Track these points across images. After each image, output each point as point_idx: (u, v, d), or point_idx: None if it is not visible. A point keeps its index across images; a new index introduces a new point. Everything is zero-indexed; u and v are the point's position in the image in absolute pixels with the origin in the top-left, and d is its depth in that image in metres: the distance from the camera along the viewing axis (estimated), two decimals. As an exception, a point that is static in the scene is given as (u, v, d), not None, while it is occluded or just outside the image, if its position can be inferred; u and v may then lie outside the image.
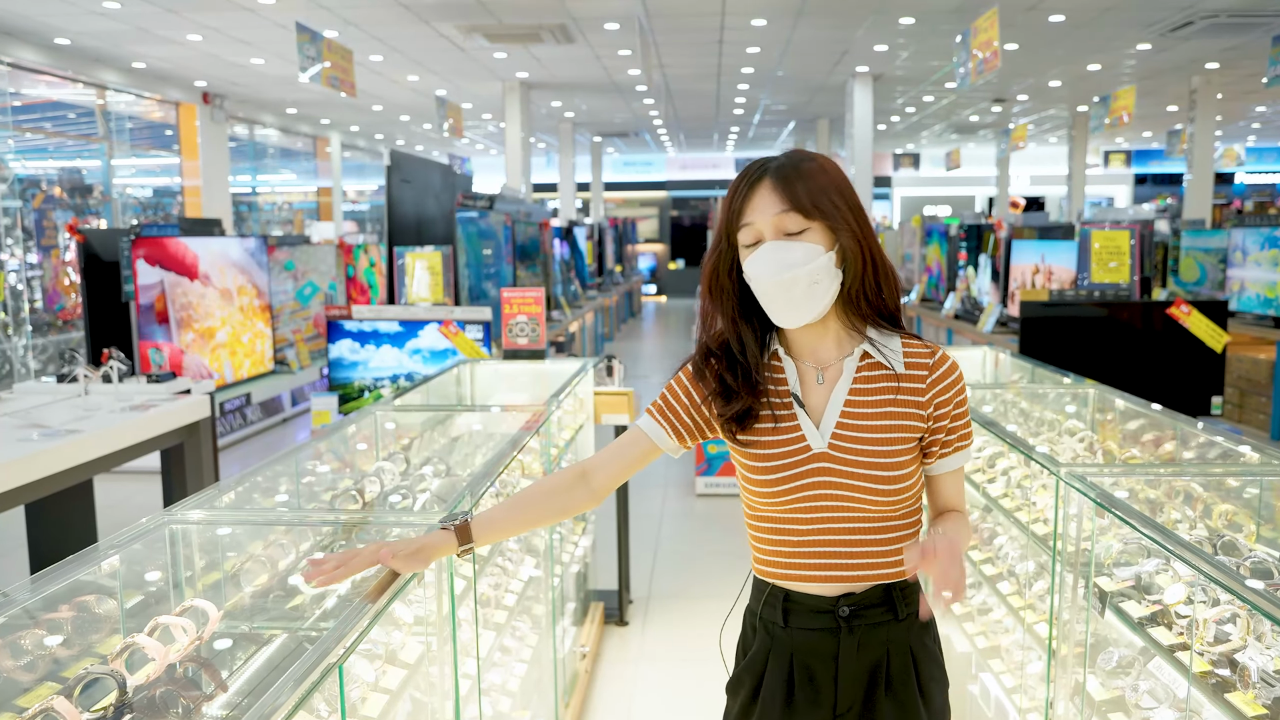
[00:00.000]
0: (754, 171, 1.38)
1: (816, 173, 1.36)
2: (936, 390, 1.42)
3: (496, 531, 1.53)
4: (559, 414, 3.07)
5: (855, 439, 1.39)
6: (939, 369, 1.43)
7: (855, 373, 1.42)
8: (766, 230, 1.35)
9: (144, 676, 1.38)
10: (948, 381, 1.43)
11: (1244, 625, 1.50)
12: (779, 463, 1.41)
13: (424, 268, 6.29)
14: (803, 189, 1.34)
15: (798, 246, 1.34)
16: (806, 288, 1.34)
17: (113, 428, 3.48)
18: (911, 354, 1.43)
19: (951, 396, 1.43)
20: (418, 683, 1.69)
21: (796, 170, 1.36)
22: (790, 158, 1.38)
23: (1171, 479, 2.17)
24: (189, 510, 1.72)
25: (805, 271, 1.33)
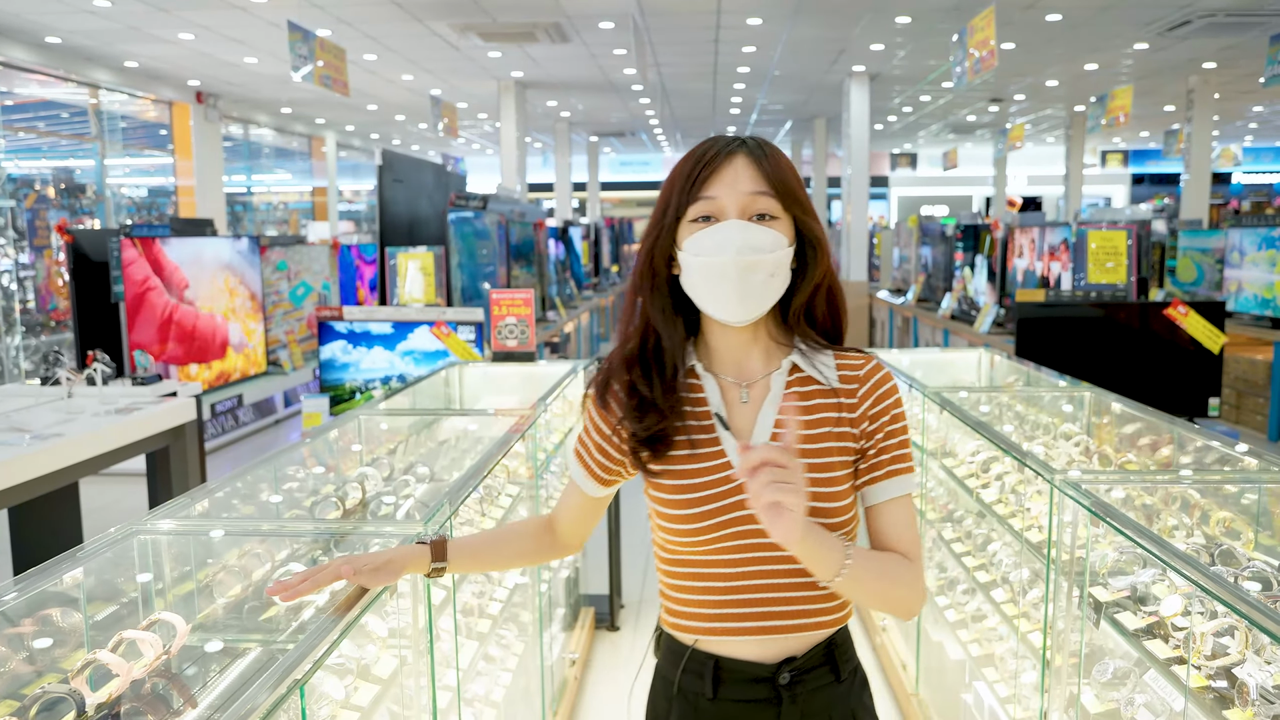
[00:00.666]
0: (724, 144, 1.23)
1: (788, 164, 1.24)
2: (869, 403, 1.25)
3: (471, 560, 1.42)
4: (547, 417, 3.02)
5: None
6: (871, 379, 1.26)
7: (785, 389, 1.25)
8: (731, 208, 1.19)
9: (107, 694, 1.33)
10: (881, 391, 1.25)
11: (1242, 638, 1.46)
12: (699, 494, 1.21)
13: (416, 268, 6.24)
14: (780, 174, 1.21)
15: (767, 231, 1.19)
16: (765, 279, 1.19)
17: (96, 431, 3.43)
18: (844, 365, 1.27)
19: (886, 409, 1.25)
20: (394, 696, 1.64)
21: (774, 154, 1.23)
22: (760, 141, 1.25)
23: (1168, 485, 2.12)
24: (159, 520, 1.67)
25: (770, 259, 1.19)
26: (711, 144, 1.23)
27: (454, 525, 1.97)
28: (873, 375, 1.26)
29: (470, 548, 1.42)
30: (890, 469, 1.23)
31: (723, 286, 1.19)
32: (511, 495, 2.58)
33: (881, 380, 1.26)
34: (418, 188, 7.60)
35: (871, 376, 1.26)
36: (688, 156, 1.24)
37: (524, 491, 2.68)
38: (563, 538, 1.43)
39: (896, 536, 1.22)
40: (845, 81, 11.97)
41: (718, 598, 1.22)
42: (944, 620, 2.89)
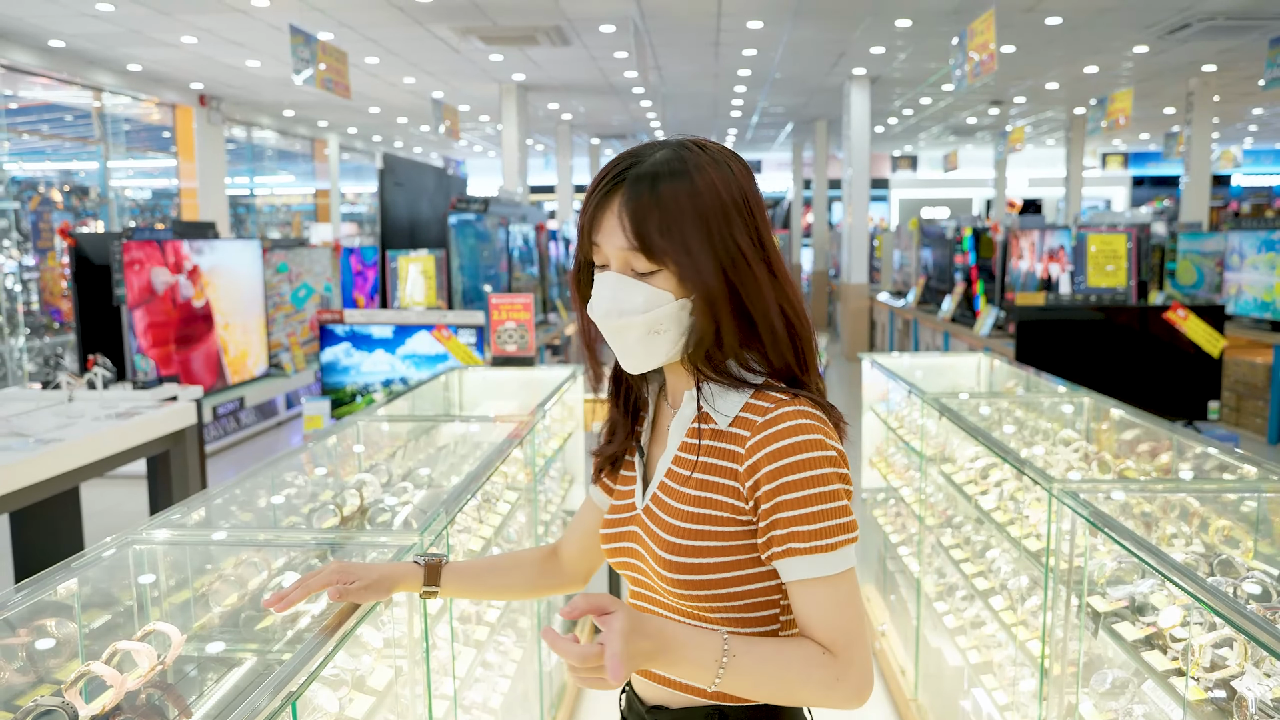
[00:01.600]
0: (609, 180, 1.07)
1: (678, 195, 1.03)
2: (758, 458, 1.03)
3: (468, 585, 1.36)
4: (546, 423, 3.02)
5: (663, 505, 1.10)
6: (767, 430, 1.03)
7: (690, 421, 1.11)
8: (613, 259, 1.07)
9: (101, 706, 1.33)
10: (776, 448, 1.02)
11: (1241, 651, 1.46)
12: (611, 517, 1.19)
13: (417, 271, 6.25)
14: (655, 221, 1.03)
15: (640, 290, 1.05)
16: (643, 337, 1.07)
17: (96, 435, 3.44)
18: (751, 407, 1.07)
19: (779, 471, 1.01)
20: (390, 706, 1.64)
21: (653, 191, 1.03)
22: (653, 166, 1.05)
23: (1167, 494, 2.12)
24: (155, 530, 1.67)
25: (642, 320, 1.06)
26: (601, 176, 1.08)
27: (451, 533, 1.97)
28: (771, 426, 1.03)
29: (466, 574, 1.36)
30: (788, 546, 1.01)
31: (610, 342, 1.12)
32: (510, 501, 2.58)
33: (782, 434, 1.02)
34: (419, 191, 7.61)
35: (769, 428, 1.03)
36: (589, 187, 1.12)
37: (522, 498, 2.67)
38: (568, 565, 1.36)
39: (808, 624, 1.02)
40: (846, 84, 11.97)
41: None
42: (943, 626, 2.88)
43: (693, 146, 1.08)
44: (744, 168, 1.10)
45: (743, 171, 1.09)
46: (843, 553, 1.01)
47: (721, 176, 1.06)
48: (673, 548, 1.07)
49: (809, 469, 1.01)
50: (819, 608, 1.01)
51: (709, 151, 1.08)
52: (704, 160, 1.07)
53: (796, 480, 1.01)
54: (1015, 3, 8.02)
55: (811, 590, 1.01)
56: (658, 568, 1.09)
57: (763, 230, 1.08)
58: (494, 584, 1.40)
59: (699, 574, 1.05)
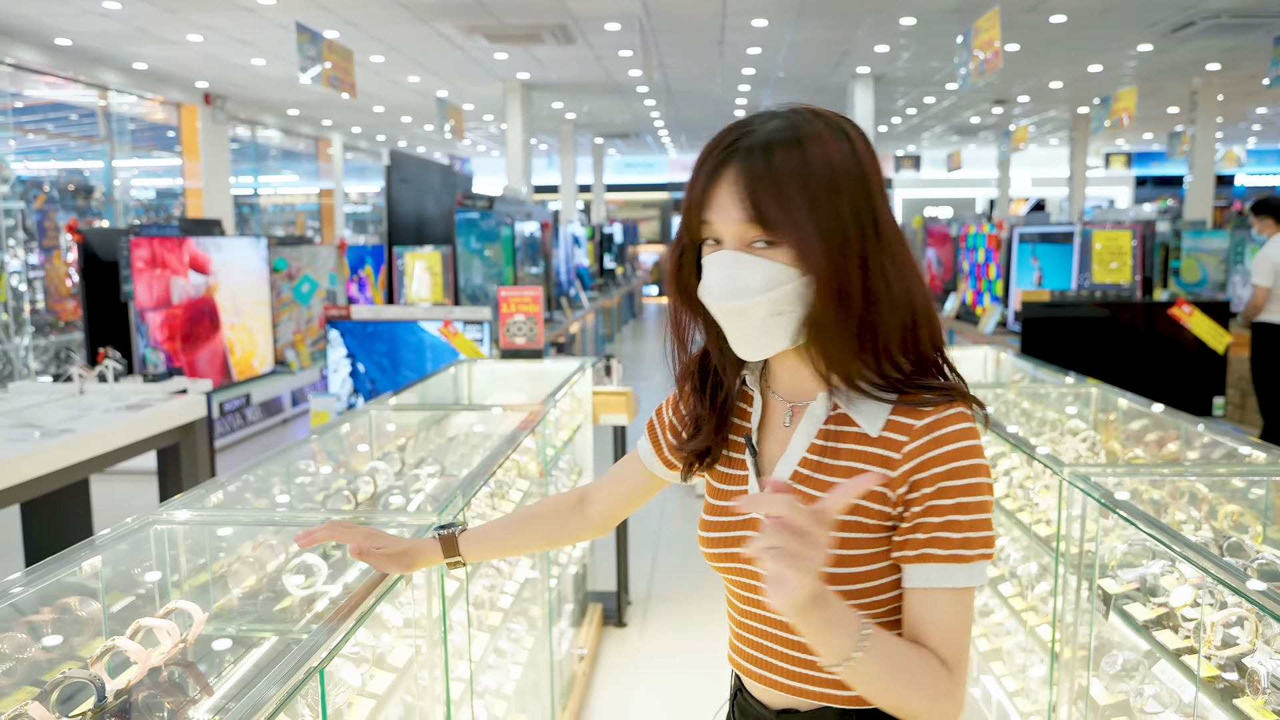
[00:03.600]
0: (719, 152, 1.01)
1: (796, 164, 0.97)
2: (916, 464, 0.99)
3: (488, 548, 1.38)
4: (556, 414, 3.04)
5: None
6: (927, 435, 0.99)
7: (823, 422, 1.05)
8: (727, 236, 1.00)
9: (125, 680, 1.35)
10: (935, 454, 0.98)
11: (1252, 628, 1.47)
12: (715, 518, 1.11)
13: (423, 268, 6.27)
14: (772, 193, 0.97)
15: (760, 267, 0.98)
16: (765, 319, 1.00)
17: (107, 428, 3.46)
18: (902, 412, 1.01)
19: (936, 476, 0.98)
20: (408, 686, 1.66)
21: (768, 162, 0.98)
22: (766, 135, 0.99)
23: (1176, 479, 2.13)
24: (175, 510, 1.68)
25: (763, 300, 0.98)
26: (711, 148, 1.03)
27: (467, 518, 1.98)
28: (931, 431, 0.99)
29: (487, 537, 1.37)
30: (924, 551, 0.97)
31: (726, 329, 1.04)
32: (521, 490, 2.60)
33: (942, 440, 0.98)
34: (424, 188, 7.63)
35: (930, 433, 0.99)
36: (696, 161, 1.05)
37: (533, 487, 2.69)
38: (593, 514, 1.33)
39: (925, 634, 0.97)
40: (850, 83, 11.99)
41: (736, 628, 1.13)
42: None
43: (809, 115, 1.02)
44: (863, 139, 1.03)
45: (861, 142, 1.03)
46: (977, 567, 0.98)
47: (838, 148, 1.00)
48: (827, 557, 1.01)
49: (967, 477, 0.97)
50: (940, 618, 0.97)
51: (825, 120, 1.02)
52: (820, 129, 1.01)
53: (953, 488, 0.97)
54: (1019, 1, 8.04)
55: (936, 600, 0.97)
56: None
57: (879, 207, 1.01)
58: (514, 542, 1.42)
59: (847, 582, 1.00)
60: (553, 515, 1.37)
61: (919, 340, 1.03)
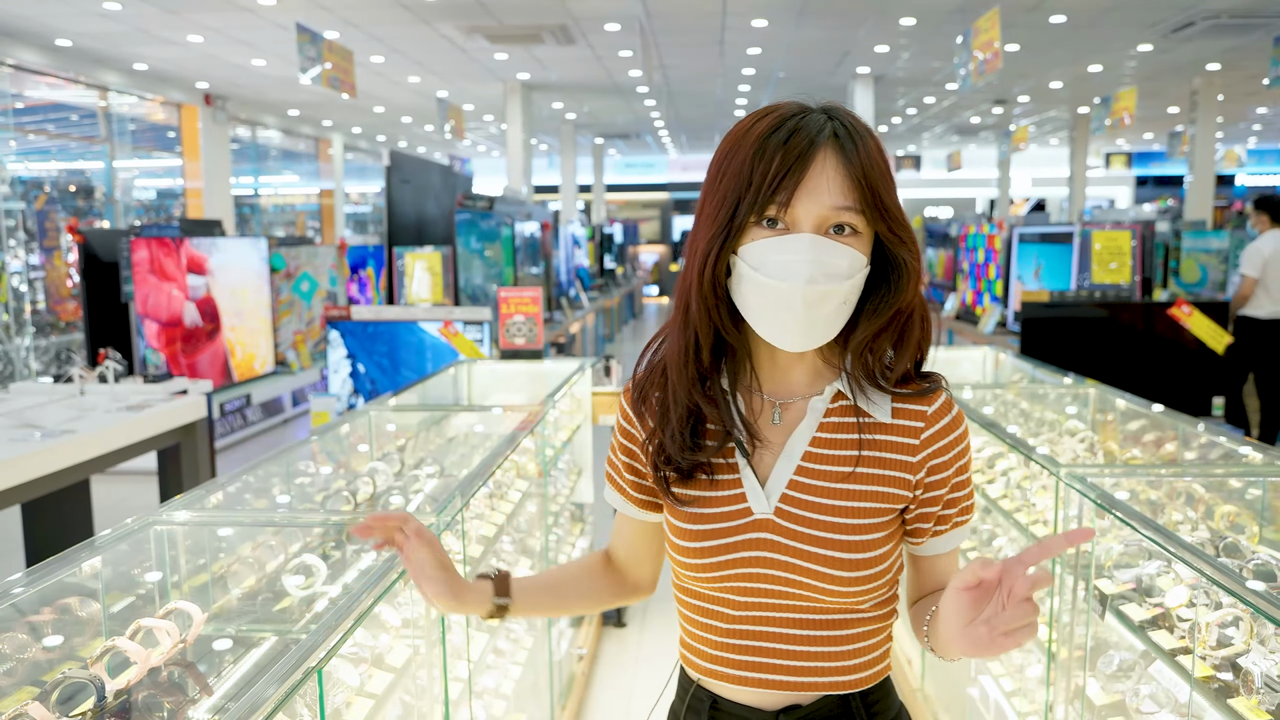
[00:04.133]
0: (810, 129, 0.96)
1: (879, 155, 0.99)
2: (933, 450, 1.06)
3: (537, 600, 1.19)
4: (555, 414, 3.05)
5: (811, 505, 1.04)
6: (939, 421, 1.06)
7: (823, 416, 1.06)
8: (807, 220, 0.96)
9: (125, 681, 1.36)
10: (950, 439, 1.06)
11: (1247, 629, 1.48)
12: (710, 526, 1.05)
13: (423, 268, 6.27)
14: (873, 178, 0.96)
15: (845, 254, 0.96)
16: (837, 308, 0.98)
17: (108, 428, 3.46)
18: (906, 400, 1.06)
19: (953, 459, 1.07)
20: (407, 686, 1.66)
21: (865, 143, 0.98)
22: (848, 124, 0.99)
23: (1173, 480, 2.14)
24: (175, 511, 1.69)
25: (847, 287, 0.98)
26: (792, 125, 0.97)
27: (465, 518, 1.99)
28: (941, 418, 1.06)
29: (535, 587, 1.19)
30: (956, 521, 1.09)
31: (784, 315, 0.98)
32: (521, 490, 2.60)
33: (951, 425, 1.07)
34: (425, 188, 7.64)
35: (940, 419, 1.06)
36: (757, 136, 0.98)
37: (532, 487, 2.70)
38: (626, 575, 1.24)
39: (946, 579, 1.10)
40: (850, 83, 11.99)
41: (720, 639, 1.09)
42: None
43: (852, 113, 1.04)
44: None
45: None
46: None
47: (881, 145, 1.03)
48: (838, 544, 1.02)
49: (969, 453, 1.10)
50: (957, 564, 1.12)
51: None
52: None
53: (965, 465, 1.09)
54: (1019, 1, 8.04)
55: (956, 554, 1.13)
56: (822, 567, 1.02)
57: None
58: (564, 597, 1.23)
59: (870, 566, 1.03)
60: (595, 573, 1.24)
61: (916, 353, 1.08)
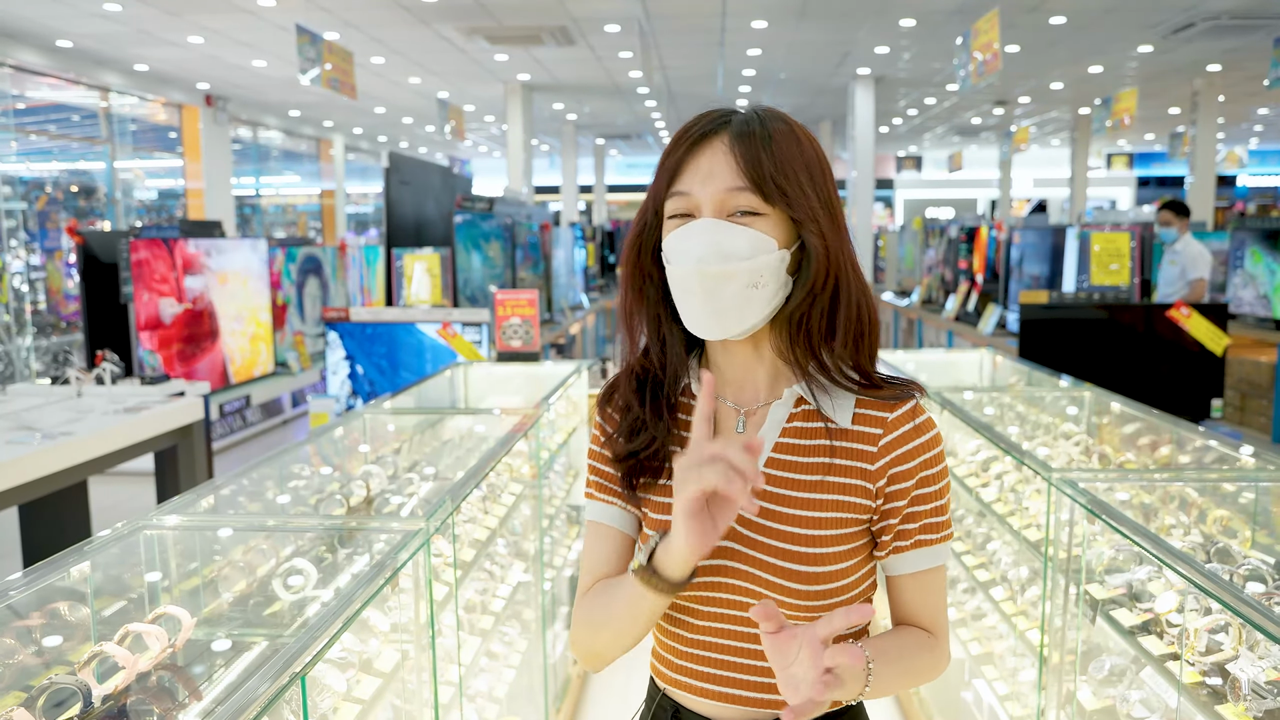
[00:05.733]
0: (706, 124, 1.00)
1: (789, 141, 0.99)
2: (893, 457, 1.01)
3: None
4: (551, 417, 3.05)
5: (772, 515, 1.01)
6: (900, 428, 1.02)
7: (785, 421, 1.04)
8: (706, 205, 0.98)
9: (113, 686, 1.36)
10: (912, 446, 1.01)
11: (1235, 635, 1.48)
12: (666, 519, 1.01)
13: (422, 269, 6.28)
14: (769, 160, 0.97)
15: (744, 233, 0.97)
16: (741, 290, 0.98)
17: (105, 430, 3.47)
18: (869, 405, 1.02)
19: (915, 468, 1.01)
20: (396, 690, 1.66)
21: (765, 132, 0.99)
22: (759, 113, 1.00)
23: (1166, 484, 2.14)
24: (165, 515, 1.69)
25: (746, 268, 0.97)
26: (695, 122, 1.02)
27: (457, 522, 1.99)
28: (903, 424, 1.02)
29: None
30: (919, 539, 1.03)
31: (690, 299, 0.99)
32: (514, 494, 2.60)
33: (914, 432, 1.02)
34: (424, 190, 7.64)
35: (901, 425, 1.02)
36: (674, 136, 1.04)
37: (527, 490, 2.70)
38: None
39: (918, 612, 1.05)
40: (850, 84, 11.99)
41: (684, 648, 1.06)
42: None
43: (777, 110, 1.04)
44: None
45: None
46: (950, 542, 1.07)
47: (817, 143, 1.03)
48: (798, 556, 1.00)
49: (938, 464, 1.04)
50: (930, 595, 1.05)
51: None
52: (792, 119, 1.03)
53: (930, 476, 1.03)
54: (1019, 2, 8.03)
55: (926, 580, 1.04)
56: (770, 576, 1.00)
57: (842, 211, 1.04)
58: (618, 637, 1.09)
59: (824, 581, 1.00)
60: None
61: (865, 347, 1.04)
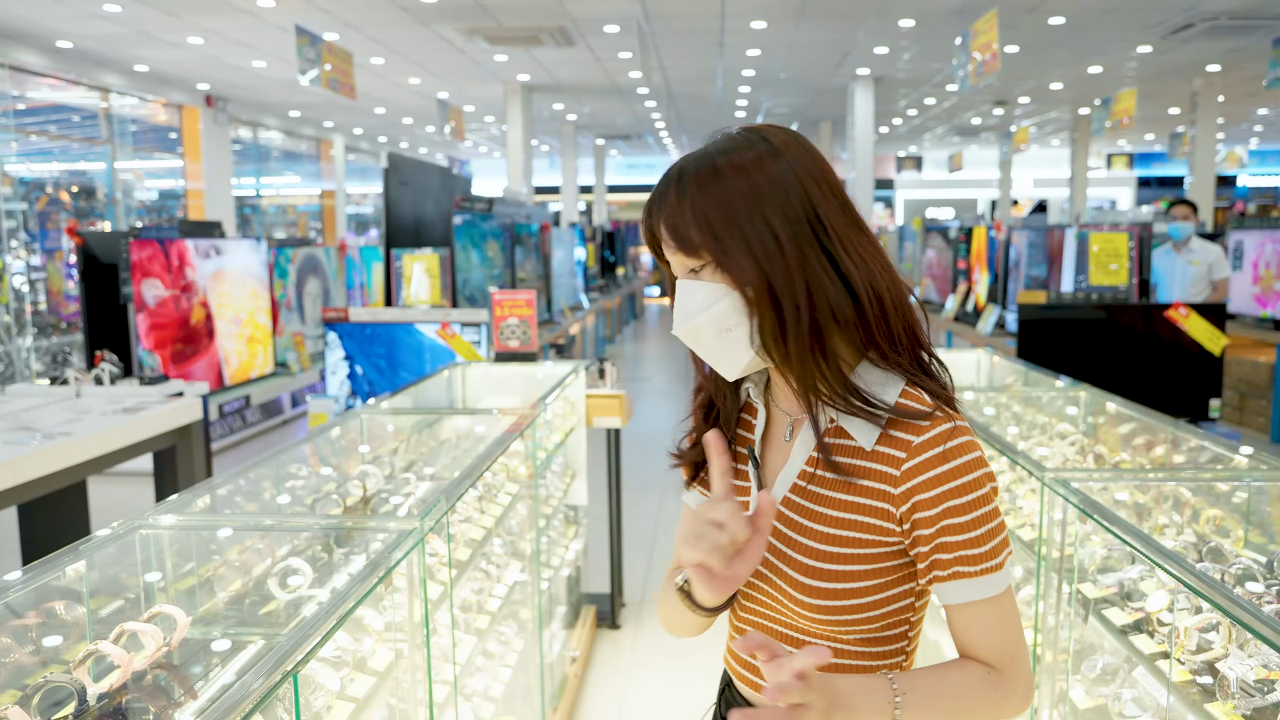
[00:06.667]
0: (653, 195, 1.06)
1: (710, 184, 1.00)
2: (916, 484, 0.98)
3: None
4: (548, 417, 3.05)
5: (792, 522, 1.03)
6: (925, 453, 0.97)
7: (820, 435, 1.03)
8: (675, 270, 1.05)
9: (108, 684, 1.36)
10: (937, 473, 0.97)
11: (1225, 634, 1.48)
12: None
13: (421, 270, 6.29)
14: (683, 217, 1.00)
15: (696, 288, 1.02)
16: (715, 337, 1.02)
17: (104, 430, 3.48)
18: (898, 426, 0.99)
19: (940, 496, 0.97)
20: (391, 689, 1.67)
21: (680, 187, 1.01)
22: (680, 170, 1.03)
23: (1160, 484, 2.14)
24: (161, 515, 1.70)
25: (707, 318, 1.01)
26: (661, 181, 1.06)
27: (452, 522, 2.00)
28: (928, 449, 0.97)
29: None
30: (955, 570, 0.97)
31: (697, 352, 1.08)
32: (510, 494, 2.61)
33: (941, 458, 0.97)
34: (423, 190, 7.65)
35: (926, 450, 0.97)
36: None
37: (523, 490, 2.70)
38: None
39: (973, 644, 0.99)
40: (850, 84, 12.00)
41: (732, 630, 1.14)
42: (938, 619, 2.90)
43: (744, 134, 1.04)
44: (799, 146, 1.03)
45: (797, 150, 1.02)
46: (1006, 569, 0.99)
47: (760, 162, 1.00)
48: (811, 571, 1.01)
49: (972, 491, 0.97)
50: (985, 628, 0.99)
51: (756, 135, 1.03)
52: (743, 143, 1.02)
53: (961, 504, 0.97)
54: (1018, 3, 8.04)
55: (977, 612, 0.98)
56: (788, 588, 1.03)
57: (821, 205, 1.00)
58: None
59: (838, 598, 1.00)
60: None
61: (891, 330, 1.01)
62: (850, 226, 1.01)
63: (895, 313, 1.01)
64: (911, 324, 1.03)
